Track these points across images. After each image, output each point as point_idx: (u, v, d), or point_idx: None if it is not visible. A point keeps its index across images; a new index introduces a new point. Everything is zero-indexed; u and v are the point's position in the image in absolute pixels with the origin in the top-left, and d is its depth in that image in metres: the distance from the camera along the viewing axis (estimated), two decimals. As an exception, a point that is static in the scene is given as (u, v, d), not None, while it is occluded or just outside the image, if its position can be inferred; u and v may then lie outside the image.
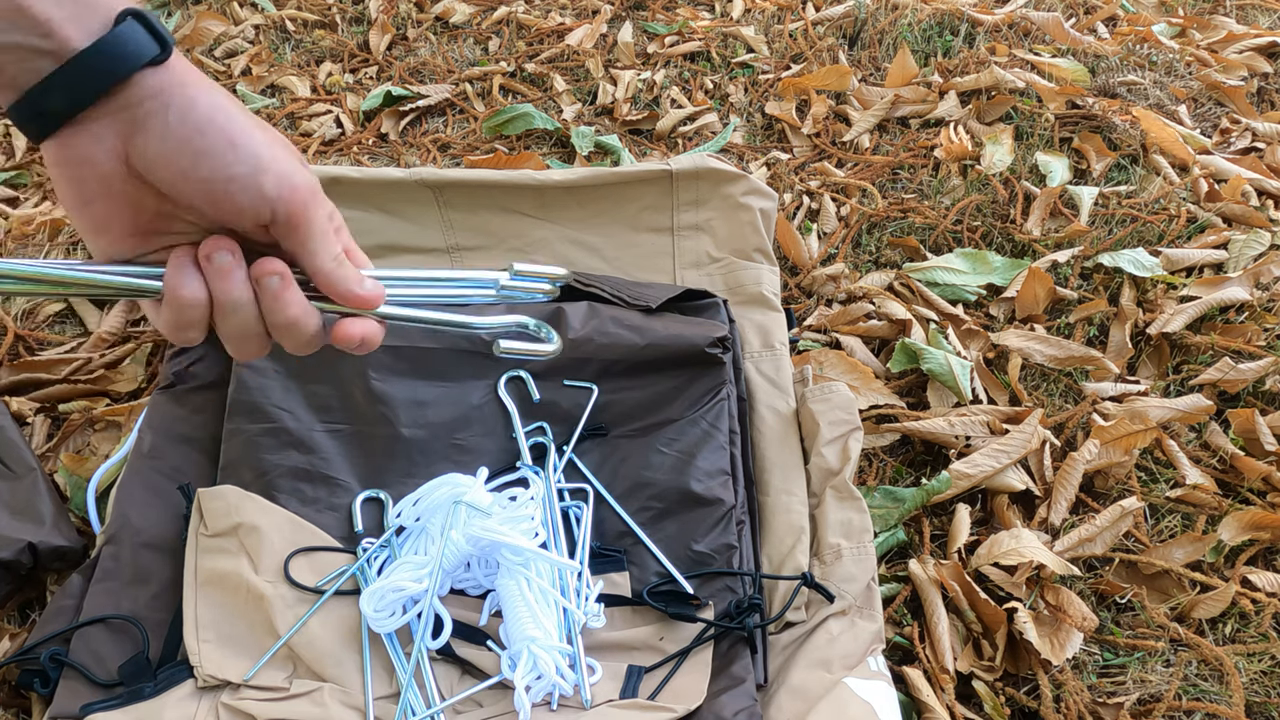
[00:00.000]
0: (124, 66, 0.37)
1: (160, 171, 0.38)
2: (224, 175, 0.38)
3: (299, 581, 0.80)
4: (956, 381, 1.03)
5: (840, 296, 1.17)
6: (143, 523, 0.84)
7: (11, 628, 0.85)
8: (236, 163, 0.38)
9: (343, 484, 0.88)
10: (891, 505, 0.94)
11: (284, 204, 0.39)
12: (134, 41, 0.37)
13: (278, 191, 0.39)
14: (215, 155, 0.38)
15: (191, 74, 0.39)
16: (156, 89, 0.37)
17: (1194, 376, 1.07)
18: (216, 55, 1.65)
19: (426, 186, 1.05)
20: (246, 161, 0.38)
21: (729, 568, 0.83)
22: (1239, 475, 0.98)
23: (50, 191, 1.32)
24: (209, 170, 0.38)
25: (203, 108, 0.38)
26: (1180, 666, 0.83)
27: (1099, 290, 1.18)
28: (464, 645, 0.79)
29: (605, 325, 0.95)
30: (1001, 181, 1.33)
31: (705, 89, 1.55)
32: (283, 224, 0.40)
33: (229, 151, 0.38)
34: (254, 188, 0.38)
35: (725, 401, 0.92)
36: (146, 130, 0.37)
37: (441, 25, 1.72)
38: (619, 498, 0.89)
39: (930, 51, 1.61)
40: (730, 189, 1.06)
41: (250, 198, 0.39)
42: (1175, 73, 1.56)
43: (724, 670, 0.77)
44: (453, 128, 1.48)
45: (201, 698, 0.75)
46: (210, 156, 0.38)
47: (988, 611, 0.85)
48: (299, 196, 0.40)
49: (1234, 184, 1.30)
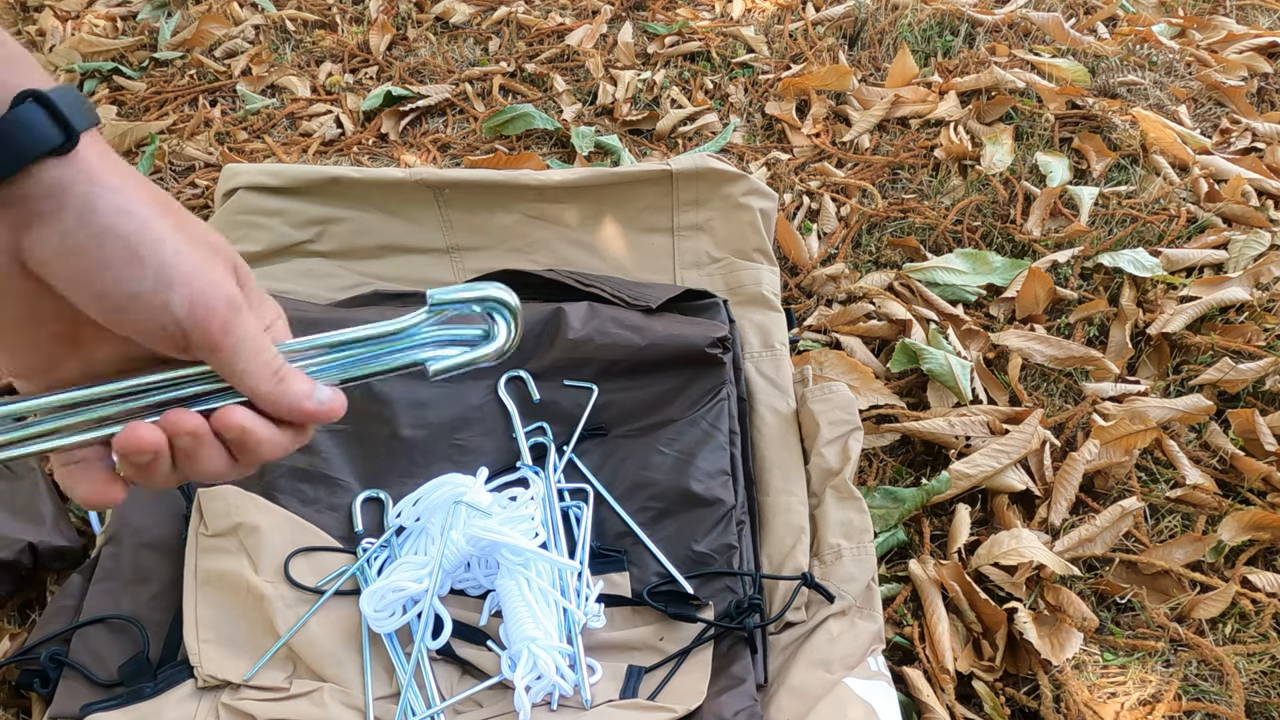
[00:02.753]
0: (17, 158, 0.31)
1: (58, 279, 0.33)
2: (124, 292, 0.33)
3: (299, 581, 0.80)
4: (956, 381, 1.03)
5: (840, 296, 1.17)
6: (143, 523, 0.84)
7: (11, 628, 0.85)
8: (139, 279, 0.33)
9: (343, 484, 0.88)
10: (891, 505, 0.94)
11: (197, 326, 0.34)
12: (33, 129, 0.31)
13: (188, 311, 0.34)
14: (114, 269, 0.32)
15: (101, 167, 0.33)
16: (55, 186, 0.32)
17: (1194, 376, 1.07)
18: (217, 55, 1.65)
19: (426, 186, 1.05)
20: (151, 278, 0.33)
21: (729, 568, 0.83)
22: (1239, 475, 0.98)
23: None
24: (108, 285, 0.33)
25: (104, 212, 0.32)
26: (1180, 667, 0.83)
27: (1099, 290, 1.18)
28: (464, 645, 0.79)
29: (605, 325, 0.95)
30: (1001, 182, 1.33)
31: (705, 89, 1.55)
32: (200, 347, 0.35)
33: (131, 265, 0.33)
34: (159, 307, 0.33)
35: (725, 401, 0.92)
36: (42, 229, 0.32)
37: (441, 25, 1.72)
38: (619, 498, 0.89)
39: (930, 51, 1.61)
40: (730, 189, 1.06)
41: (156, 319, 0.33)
42: (1175, 73, 1.56)
43: (724, 670, 0.77)
44: (453, 128, 1.48)
45: (201, 698, 0.75)
46: (109, 269, 0.32)
47: (988, 611, 0.85)
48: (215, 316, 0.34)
49: (1234, 184, 1.30)
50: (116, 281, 0.33)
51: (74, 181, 0.32)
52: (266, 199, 1.04)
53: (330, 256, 1.06)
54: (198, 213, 1.29)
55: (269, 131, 1.47)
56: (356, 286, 1.05)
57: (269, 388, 0.36)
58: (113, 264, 0.33)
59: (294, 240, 1.05)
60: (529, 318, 0.96)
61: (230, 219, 1.04)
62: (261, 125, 1.48)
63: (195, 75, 1.60)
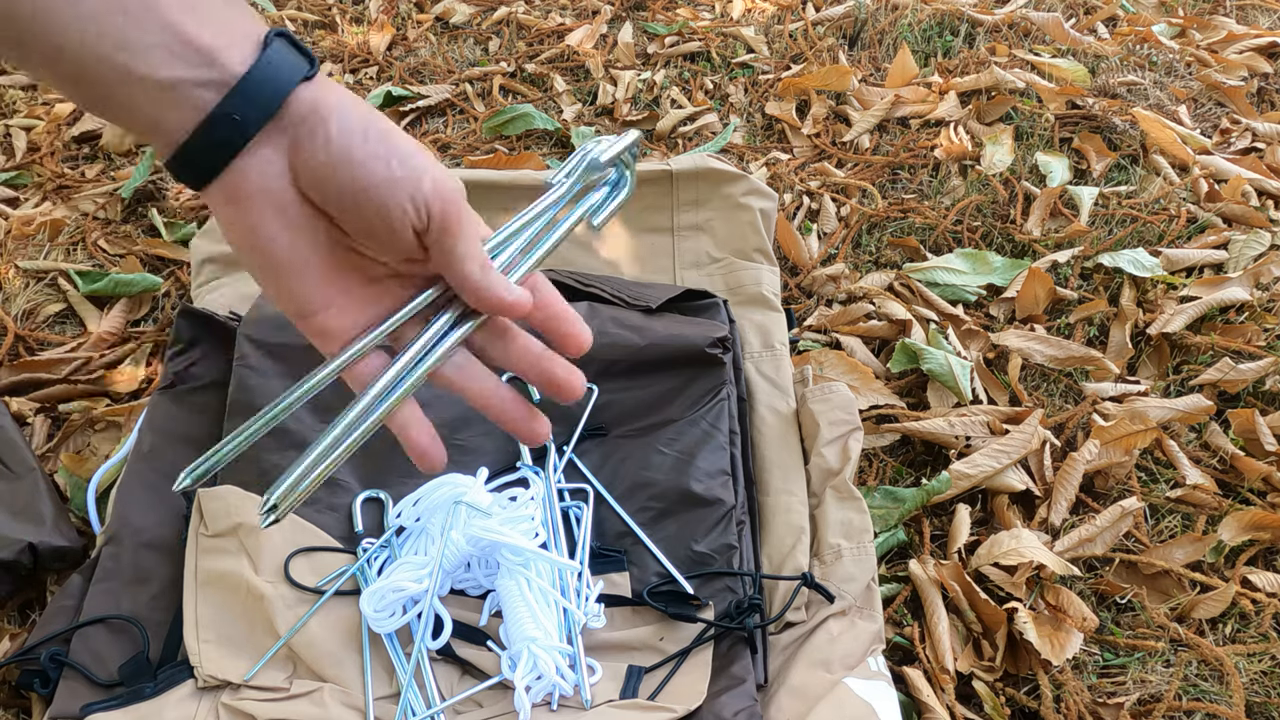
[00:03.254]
0: (284, 86, 0.37)
1: (327, 185, 0.38)
2: (386, 178, 0.38)
3: (299, 582, 0.80)
4: (956, 382, 1.03)
5: (840, 297, 1.17)
6: (143, 523, 0.84)
7: (11, 628, 0.85)
8: (397, 166, 0.38)
9: (343, 484, 0.88)
10: (891, 505, 0.94)
11: (440, 206, 0.39)
12: (288, 60, 0.37)
13: (435, 192, 0.39)
14: (377, 160, 0.38)
15: (336, 87, 0.39)
16: (312, 104, 0.37)
17: (1194, 376, 1.07)
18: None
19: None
20: (405, 165, 0.38)
21: (729, 568, 0.83)
22: (1239, 475, 0.98)
23: (51, 192, 1.33)
24: (371, 175, 0.38)
25: (357, 118, 0.38)
26: (1180, 667, 0.83)
27: (1099, 290, 1.18)
28: (464, 645, 0.79)
29: (605, 325, 0.95)
30: (1001, 182, 1.33)
31: (705, 89, 1.55)
32: (437, 228, 0.39)
33: (390, 157, 0.38)
34: (415, 190, 0.38)
35: (725, 402, 0.92)
36: (311, 145, 0.37)
37: (441, 25, 1.72)
38: (619, 498, 0.89)
39: (930, 52, 1.61)
40: (730, 189, 1.06)
41: (411, 201, 0.38)
42: (1175, 73, 1.56)
43: (724, 670, 0.77)
44: (453, 128, 1.48)
45: (202, 698, 0.74)
46: (372, 161, 0.38)
47: (988, 611, 0.85)
48: (452, 201, 0.39)
49: (1234, 184, 1.30)
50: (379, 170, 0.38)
51: (325, 98, 0.38)
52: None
53: (330, 256, 1.06)
54: (199, 211, 1.29)
55: (269, 131, 1.47)
56: (356, 286, 1.05)
57: (478, 276, 0.41)
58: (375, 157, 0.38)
59: (294, 240, 1.05)
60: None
61: (230, 219, 1.04)
62: (261, 125, 1.48)
63: (195, 75, 1.60)
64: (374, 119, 0.39)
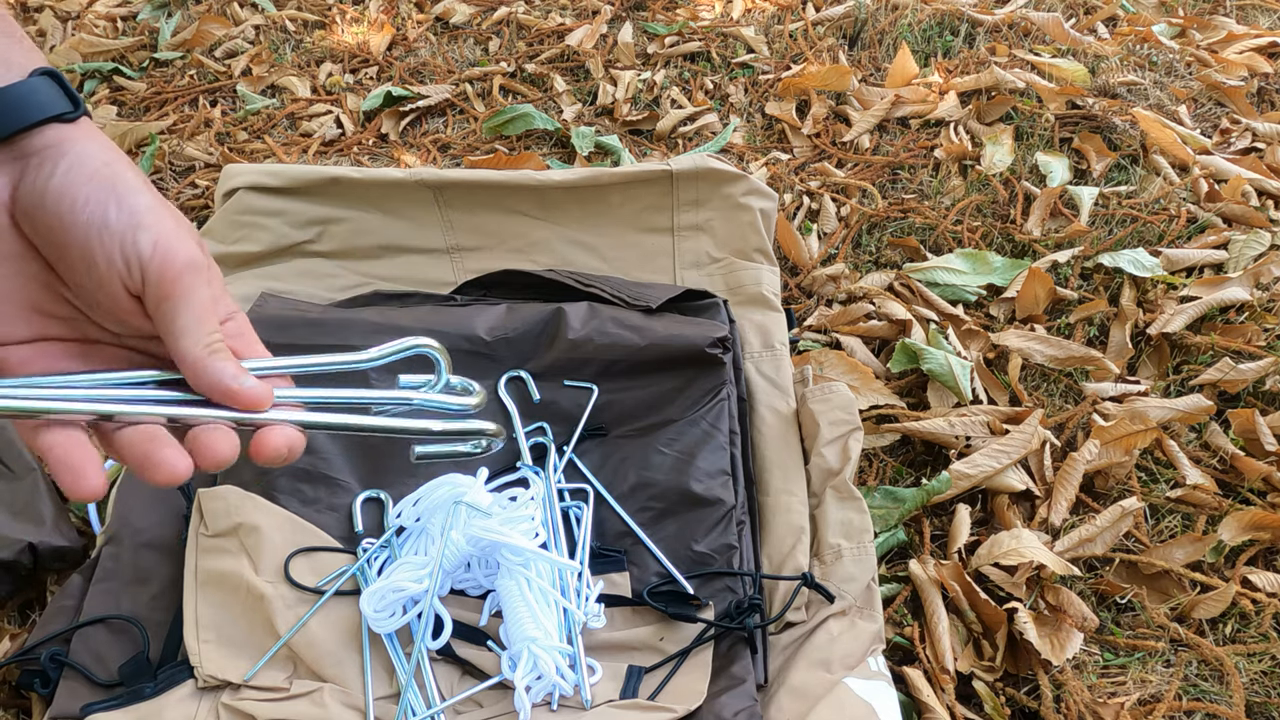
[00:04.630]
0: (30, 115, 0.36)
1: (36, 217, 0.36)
2: (98, 223, 0.36)
3: (299, 582, 0.80)
4: (956, 382, 1.03)
5: (840, 297, 1.17)
6: (143, 523, 0.84)
7: (11, 628, 0.85)
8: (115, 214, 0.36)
9: (343, 484, 0.88)
10: (891, 505, 0.94)
11: (157, 268, 0.36)
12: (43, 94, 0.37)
13: (152, 252, 0.36)
14: (94, 204, 0.36)
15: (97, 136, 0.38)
16: (56, 141, 0.37)
17: (1194, 376, 1.07)
18: (217, 56, 1.65)
19: (426, 187, 1.05)
20: (125, 215, 0.36)
21: (729, 568, 0.83)
22: (1239, 475, 0.98)
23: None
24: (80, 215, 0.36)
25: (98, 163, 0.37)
26: (1180, 667, 0.83)
27: (1099, 290, 1.18)
28: (464, 645, 0.79)
29: (605, 325, 0.95)
30: (1001, 182, 1.33)
31: (705, 89, 1.55)
32: (153, 291, 0.36)
33: (110, 202, 0.36)
34: (129, 242, 0.36)
35: (725, 402, 0.92)
36: (36, 176, 0.36)
37: (441, 25, 1.72)
38: (619, 498, 0.89)
39: (930, 51, 1.61)
40: (730, 189, 1.06)
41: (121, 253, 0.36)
42: (1175, 73, 1.56)
43: (724, 670, 0.77)
44: (453, 128, 1.48)
45: (202, 698, 0.75)
46: (90, 204, 0.36)
47: (988, 611, 0.85)
48: (174, 265, 0.36)
49: (1234, 184, 1.30)
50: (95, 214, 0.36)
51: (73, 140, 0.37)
52: (267, 199, 1.04)
53: (330, 257, 1.06)
54: (198, 213, 1.29)
55: (269, 132, 1.47)
56: (357, 286, 1.05)
57: (197, 354, 0.37)
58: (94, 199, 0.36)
59: (294, 240, 1.05)
60: (529, 318, 0.96)
61: (230, 219, 1.04)
62: (262, 125, 1.48)
63: (195, 75, 1.60)
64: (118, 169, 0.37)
